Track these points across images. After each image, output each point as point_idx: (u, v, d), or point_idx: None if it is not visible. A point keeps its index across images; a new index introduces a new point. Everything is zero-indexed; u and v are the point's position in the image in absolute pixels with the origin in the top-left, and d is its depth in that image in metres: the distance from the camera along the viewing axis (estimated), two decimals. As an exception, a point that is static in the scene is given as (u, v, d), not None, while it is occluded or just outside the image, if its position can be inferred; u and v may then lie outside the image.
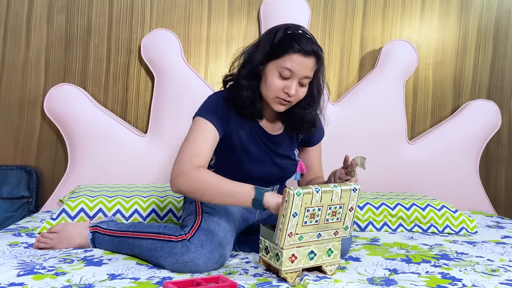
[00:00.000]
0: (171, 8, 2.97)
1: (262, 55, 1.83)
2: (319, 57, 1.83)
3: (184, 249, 1.65)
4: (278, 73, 1.79)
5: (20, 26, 2.88)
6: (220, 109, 1.86)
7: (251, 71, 1.85)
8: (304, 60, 1.78)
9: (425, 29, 3.19)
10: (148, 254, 1.74)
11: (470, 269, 1.78)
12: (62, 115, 2.80)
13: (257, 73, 1.85)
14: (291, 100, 1.82)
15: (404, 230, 2.46)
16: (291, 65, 1.77)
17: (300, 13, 2.97)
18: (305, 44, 1.78)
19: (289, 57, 1.77)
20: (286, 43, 1.79)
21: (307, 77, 1.81)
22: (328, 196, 1.56)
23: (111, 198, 2.32)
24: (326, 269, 1.65)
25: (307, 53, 1.78)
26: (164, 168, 2.80)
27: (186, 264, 1.64)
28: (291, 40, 1.79)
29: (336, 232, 1.65)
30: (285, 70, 1.78)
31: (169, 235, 1.72)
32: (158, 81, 2.89)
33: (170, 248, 1.67)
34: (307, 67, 1.79)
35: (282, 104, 1.84)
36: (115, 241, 1.86)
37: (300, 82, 1.81)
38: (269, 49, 1.82)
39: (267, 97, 1.85)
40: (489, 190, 3.27)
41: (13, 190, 2.83)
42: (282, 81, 1.80)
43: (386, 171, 3.02)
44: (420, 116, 3.22)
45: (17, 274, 1.56)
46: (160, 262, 1.70)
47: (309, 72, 1.81)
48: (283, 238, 1.54)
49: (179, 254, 1.65)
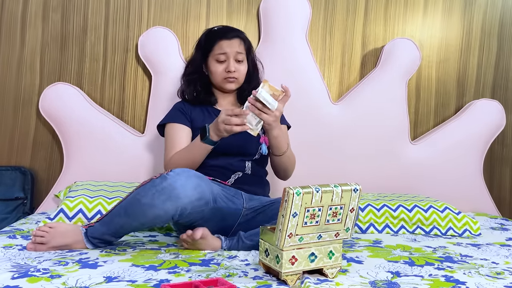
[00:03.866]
0: (168, 6, 2.96)
1: (200, 57, 2.36)
2: (243, 39, 2.34)
3: (162, 179, 1.80)
4: (215, 60, 2.29)
5: (14, 24, 2.86)
6: (178, 108, 2.35)
7: (194, 70, 2.38)
8: (229, 42, 2.28)
9: (428, 27, 3.17)
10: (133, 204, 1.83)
11: (475, 271, 1.75)
12: (57, 114, 2.78)
13: (198, 70, 2.36)
14: (235, 75, 2.29)
15: (406, 232, 2.45)
16: (221, 49, 2.27)
17: (300, 10, 2.95)
18: (225, 31, 2.33)
19: (217, 45, 2.28)
20: (211, 38, 2.33)
21: (239, 52, 2.29)
22: (329, 196, 1.54)
23: (111, 199, 2.31)
24: (327, 272, 1.63)
25: (229, 37, 2.29)
26: (162, 169, 2.76)
27: (163, 190, 1.78)
28: (213, 34, 2.34)
29: (337, 234, 1.62)
30: (219, 55, 2.28)
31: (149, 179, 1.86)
32: (155, 80, 2.86)
33: (151, 184, 1.81)
34: (234, 46, 2.28)
35: (230, 81, 2.30)
36: (105, 221, 1.90)
37: (236, 59, 2.28)
38: (202, 49, 2.35)
39: (218, 82, 2.33)
40: (493, 191, 3.25)
41: (7, 191, 2.81)
42: (221, 64, 2.29)
43: (388, 172, 3.00)
44: (423, 115, 3.20)
45: (12, 277, 1.54)
46: (142, 202, 1.80)
47: (238, 49, 2.29)
48: (283, 239, 1.52)
49: (158, 184, 1.79)
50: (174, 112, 2.33)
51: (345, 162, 2.94)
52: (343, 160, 2.94)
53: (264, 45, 2.91)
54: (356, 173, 2.93)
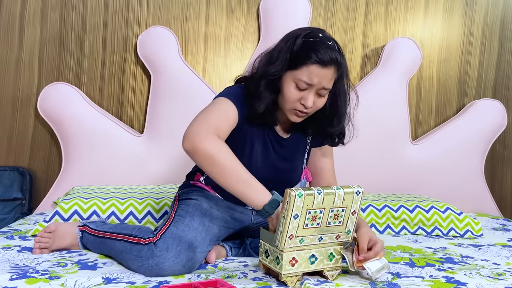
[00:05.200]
0: (168, 5, 2.94)
1: (281, 65, 1.73)
2: (340, 65, 1.73)
3: (149, 252, 1.62)
4: (295, 84, 1.71)
5: (13, 23, 2.85)
6: (243, 97, 1.79)
7: (272, 83, 1.76)
8: (322, 72, 1.68)
9: (429, 26, 3.16)
10: (120, 256, 1.74)
11: (476, 273, 1.75)
12: (56, 114, 2.76)
13: (277, 85, 1.75)
14: (308, 111, 1.75)
15: (407, 233, 2.44)
16: (308, 77, 1.69)
17: (300, 9, 2.94)
18: (324, 53, 1.68)
19: (306, 68, 1.68)
20: (304, 52, 1.70)
21: (325, 88, 1.72)
22: (331, 198, 1.54)
23: (106, 200, 2.30)
24: (328, 274, 1.62)
25: (325, 63, 1.68)
26: (161, 169, 2.78)
27: (152, 268, 1.61)
28: (309, 49, 1.69)
29: (338, 236, 1.62)
30: (301, 82, 1.69)
31: (138, 238, 1.70)
32: (154, 80, 2.85)
33: (137, 251, 1.65)
34: (325, 78, 1.70)
35: (299, 116, 1.77)
36: (97, 241, 1.87)
37: (318, 93, 1.72)
38: (288, 58, 1.72)
39: (284, 107, 1.77)
40: (495, 192, 3.24)
41: (6, 191, 2.80)
42: (299, 92, 1.72)
43: (389, 172, 2.99)
44: (424, 115, 3.19)
45: (10, 278, 1.53)
46: (129, 265, 1.68)
47: (327, 83, 1.72)
48: (284, 240, 1.52)
49: (145, 258, 1.62)
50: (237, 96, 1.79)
51: (345, 162, 2.91)
52: (344, 160, 2.91)
53: (264, 45, 2.87)
54: (357, 173, 2.91)
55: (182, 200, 1.86)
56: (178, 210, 1.80)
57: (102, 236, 1.85)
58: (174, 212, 1.81)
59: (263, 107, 1.75)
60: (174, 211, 1.81)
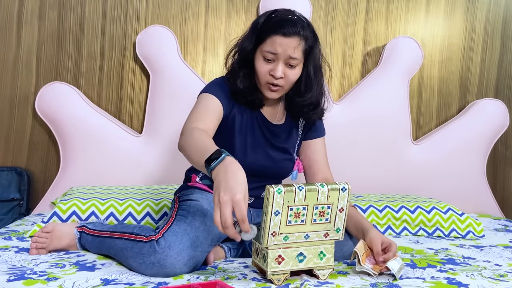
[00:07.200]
0: (167, 4, 2.93)
1: (249, 42, 1.86)
2: (306, 38, 1.82)
3: (151, 250, 1.62)
4: (263, 57, 1.82)
5: (10, 22, 2.84)
6: (225, 89, 1.90)
7: (243, 59, 1.88)
8: (284, 40, 1.78)
9: (431, 26, 3.16)
10: (120, 254, 1.73)
11: (477, 274, 1.75)
12: (54, 114, 2.75)
13: (249, 60, 1.87)
14: (280, 83, 1.83)
15: (408, 233, 2.43)
16: (271, 47, 1.79)
17: (300, 8, 2.89)
18: (285, 23, 1.79)
19: (270, 39, 1.79)
20: (267, 26, 1.82)
21: (292, 57, 1.80)
22: (313, 195, 1.53)
23: (104, 200, 2.29)
24: (318, 273, 1.61)
25: (286, 33, 1.78)
26: (160, 169, 2.77)
27: (153, 266, 1.61)
28: (272, 23, 1.81)
29: (327, 234, 1.60)
30: (267, 53, 1.80)
31: (140, 236, 1.70)
32: (153, 80, 2.84)
33: (139, 249, 1.65)
34: (289, 46, 1.78)
35: (272, 90, 1.85)
36: (96, 241, 1.86)
37: (287, 63, 1.81)
38: (255, 35, 1.85)
39: (259, 84, 1.87)
40: (497, 192, 3.24)
41: (3, 192, 2.79)
42: (268, 64, 1.82)
43: (390, 173, 2.99)
44: (425, 115, 3.18)
45: (7, 279, 1.52)
46: (129, 262, 1.68)
47: (293, 52, 1.79)
48: (266, 237, 1.51)
49: (146, 255, 1.62)
50: (220, 88, 1.89)
51: (346, 162, 2.92)
52: (344, 160, 2.92)
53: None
54: (357, 173, 2.91)
55: (183, 201, 1.87)
56: (179, 210, 1.81)
57: (102, 235, 1.85)
58: (175, 212, 1.82)
59: (240, 83, 1.87)
60: (175, 211, 1.82)
